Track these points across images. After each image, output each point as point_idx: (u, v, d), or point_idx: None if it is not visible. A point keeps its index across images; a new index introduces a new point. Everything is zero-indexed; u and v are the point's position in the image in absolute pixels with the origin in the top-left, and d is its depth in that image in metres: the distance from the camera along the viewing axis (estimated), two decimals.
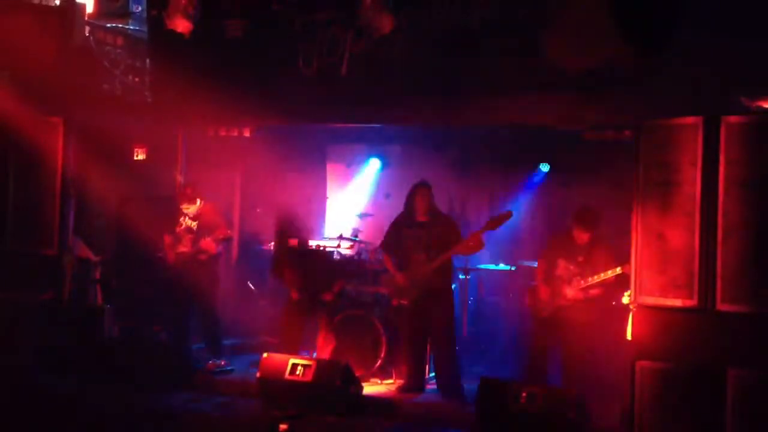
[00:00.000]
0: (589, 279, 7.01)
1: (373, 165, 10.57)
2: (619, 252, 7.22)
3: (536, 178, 9.66)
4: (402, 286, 7.64)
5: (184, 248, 8.32)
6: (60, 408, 6.88)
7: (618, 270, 6.82)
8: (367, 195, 10.61)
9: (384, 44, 7.25)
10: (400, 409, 7.17)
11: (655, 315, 6.08)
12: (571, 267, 7.16)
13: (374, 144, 10.43)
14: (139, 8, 9.39)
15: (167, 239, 8.40)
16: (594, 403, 6.57)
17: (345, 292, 8.52)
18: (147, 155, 8.90)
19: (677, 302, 5.96)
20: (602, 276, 6.95)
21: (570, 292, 7.10)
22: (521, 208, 9.65)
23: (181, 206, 8.33)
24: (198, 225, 8.34)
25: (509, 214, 7.47)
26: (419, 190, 7.66)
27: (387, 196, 10.43)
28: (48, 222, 7.92)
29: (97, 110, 8.26)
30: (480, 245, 7.60)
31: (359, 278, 8.77)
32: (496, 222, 7.46)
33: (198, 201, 8.33)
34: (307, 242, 8.27)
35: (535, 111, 7.09)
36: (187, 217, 8.36)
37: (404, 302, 7.69)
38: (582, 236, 7.16)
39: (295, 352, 7.69)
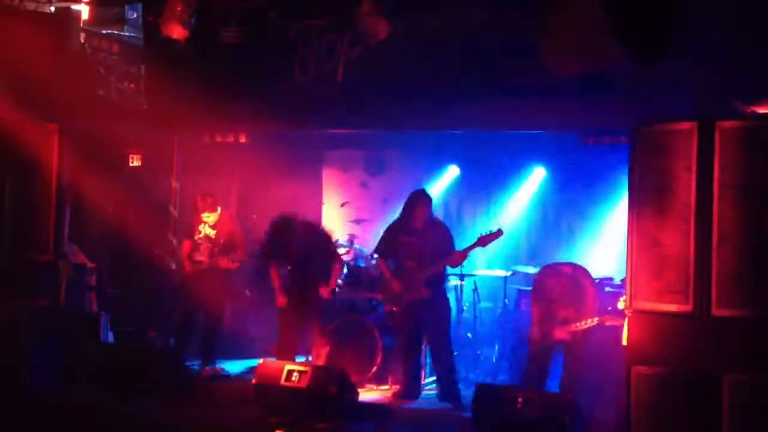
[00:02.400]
0: (576, 324, 7.06)
1: (370, 170, 10.52)
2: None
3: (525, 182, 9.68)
4: (395, 293, 7.64)
5: (201, 257, 8.38)
6: (54, 415, 6.86)
7: (595, 320, 6.90)
8: (363, 200, 10.58)
9: (380, 49, 7.25)
10: (396, 415, 7.16)
11: (650, 320, 6.06)
12: (563, 313, 7.20)
13: (371, 149, 10.43)
14: (135, 15, 9.40)
15: (186, 247, 8.46)
16: (590, 408, 6.57)
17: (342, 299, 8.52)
18: (142, 162, 8.91)
19: (672, 307, 5.95)
20: (583, 324, 7.01)
21: (558, 333, 7.17)
22: (517, 213, 9.66)
23: (201, 215, 8.40)
24: (217, 234, 8.40)
25: (500, 233, 7.50)
26: (420, 199, 7.64)
27: (384, 201, 10.43)
28: (43, 228, 7.89)
29: (92, 117, 8.26)
30: (464, 259, 7.64)
31: (355, 284, 8.76)
32: (485, 239, 7.50)
33: (218, 209, 8.40)
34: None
35: (531, 115, 7.10)
36: (206, 226, 8.43)
37: (395, 309, 7.70)
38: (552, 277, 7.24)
39: (291, 359, 7.68)
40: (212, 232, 8.41)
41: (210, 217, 8.38)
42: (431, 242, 7.54)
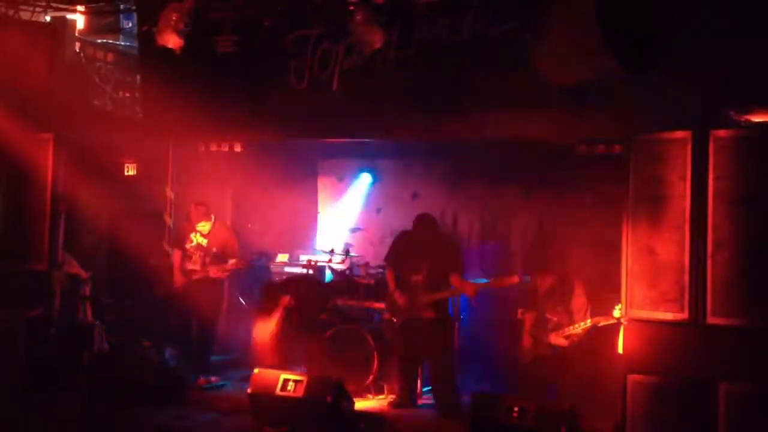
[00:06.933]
0: (568, 328, 7.08)
1: (364, 179, 10.58)
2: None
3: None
4: (398, 305, 7.64)
5: (193, 266, 8.36)
6: (49, 425, 6.83)
7: (588, 322, 6.98)
8: (358, 209, 10.61)
9: (375, 59, 7.26)
10: (392, 424, 7.16)
11: (646, 328, 6.08)
12: (555, 318, 7.22)
13: (366, 158, 10.44)
14: (130, 24, 9.41)
15: (177, 257, 8.45)
16: (586, 417, 6.57)
17: (337, 307, 8.54)
18: (137, 171, 8.90)
19: (668, 316, 5.98)
20: (577, 327, 7.04)
21: (553, 339, 7.18)
22: (512, 222, 9.67)
23: (196, 224, 8.37)
24: (209, 243, 8.39)
25: (515, 280, 7.56)
26: (429, 225, 7.67)
27: (378, 210, 10.43)
28: (38, 238, 7.89)
29: (87, 126, 8.25)
30: (474, 293, 7.71)
31: (351, 293, 8.75)
32: (499, 281, 7.60)
33: (212, 218, 8.40)
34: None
35: (526, 125, 7.10)
36: (198, 234, 8.40)
37: (395, 320, 7.70)
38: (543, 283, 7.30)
39: (286, 368, 7.66)
40: (204, 241, 8.38)
41: (204, 227, 8.35)
42: (439, 259, 7.55)
